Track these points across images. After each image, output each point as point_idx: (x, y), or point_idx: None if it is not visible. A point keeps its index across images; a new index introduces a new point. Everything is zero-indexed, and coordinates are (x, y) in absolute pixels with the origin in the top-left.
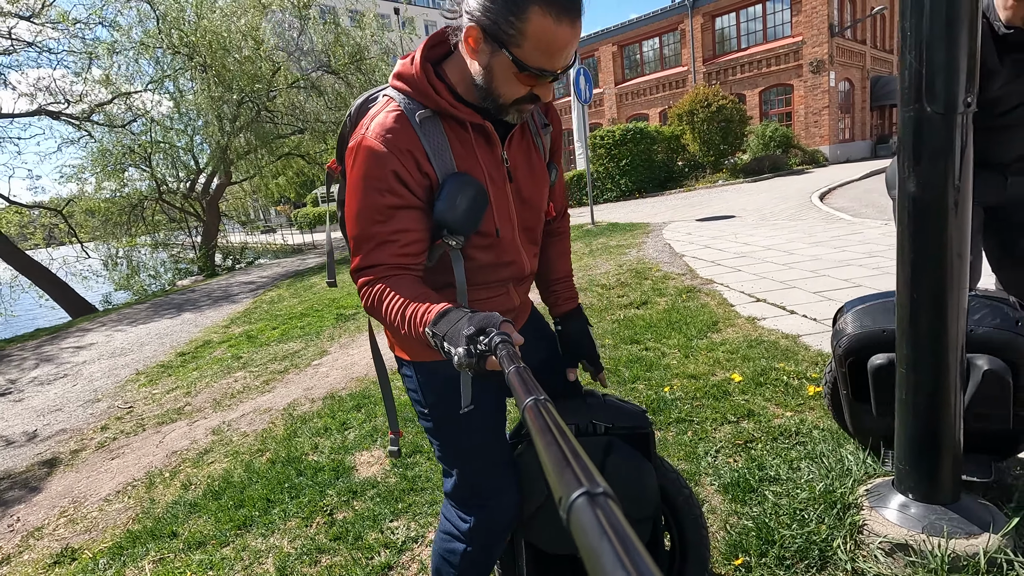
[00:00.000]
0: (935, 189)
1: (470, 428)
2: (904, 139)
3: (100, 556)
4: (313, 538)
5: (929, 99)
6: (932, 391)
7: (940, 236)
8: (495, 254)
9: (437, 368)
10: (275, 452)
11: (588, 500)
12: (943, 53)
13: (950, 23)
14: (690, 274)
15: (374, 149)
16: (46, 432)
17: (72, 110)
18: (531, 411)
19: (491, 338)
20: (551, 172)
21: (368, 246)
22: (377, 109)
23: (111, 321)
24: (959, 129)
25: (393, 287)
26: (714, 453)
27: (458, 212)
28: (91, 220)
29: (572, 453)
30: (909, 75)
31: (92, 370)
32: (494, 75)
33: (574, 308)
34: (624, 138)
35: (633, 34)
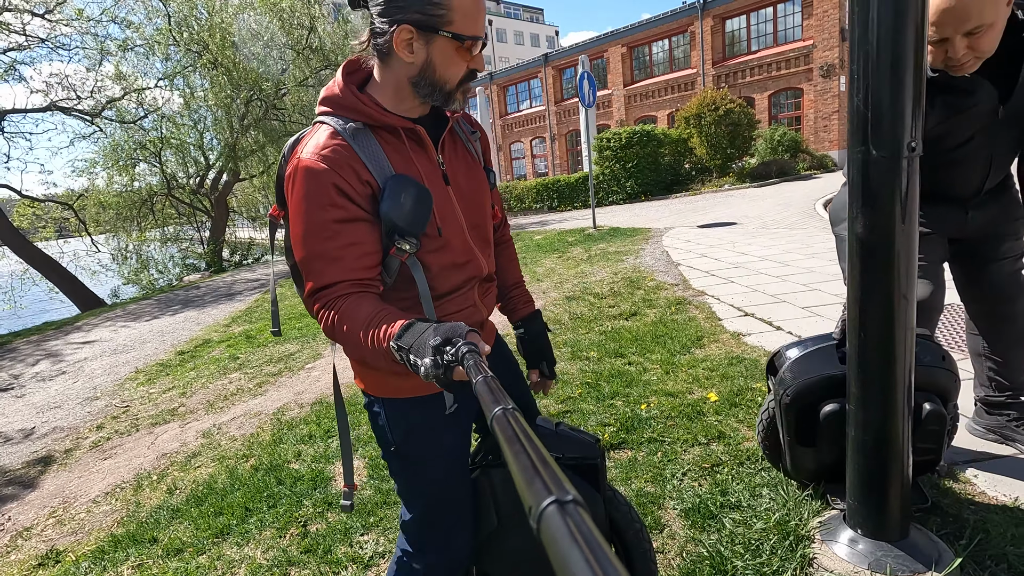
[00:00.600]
0: (881, 231)
1: (435, 469)
2: (852, 180)
3: (82, 559)
4: (285, 550)
5: (875, 142)
6: (881, 429)
7: (887, 278)
8: (448, 255)
9: (406, 409)
10: (259, 459)
11: (558, 508)
12: (888, 98)
13: (895, 68)
14: (683, 284)
15: (311, 167)
16: (43, 429)
17: (84, 106)
18: (499, 421)
19: (458, 348)
20: (489, 176)
21: (318, 265)
22: (308, 135)
23: (117, 317)
24: (904, 173)
25: (352, 305)
26: (680, 476)
27: (404, 210)
28: (102, 214)
29: (541, 462)
30: (856, 118)
31: (93, 367)
32: (435, 64)
33: (533, 311)
34: (631, 141)
35: (643, 35)
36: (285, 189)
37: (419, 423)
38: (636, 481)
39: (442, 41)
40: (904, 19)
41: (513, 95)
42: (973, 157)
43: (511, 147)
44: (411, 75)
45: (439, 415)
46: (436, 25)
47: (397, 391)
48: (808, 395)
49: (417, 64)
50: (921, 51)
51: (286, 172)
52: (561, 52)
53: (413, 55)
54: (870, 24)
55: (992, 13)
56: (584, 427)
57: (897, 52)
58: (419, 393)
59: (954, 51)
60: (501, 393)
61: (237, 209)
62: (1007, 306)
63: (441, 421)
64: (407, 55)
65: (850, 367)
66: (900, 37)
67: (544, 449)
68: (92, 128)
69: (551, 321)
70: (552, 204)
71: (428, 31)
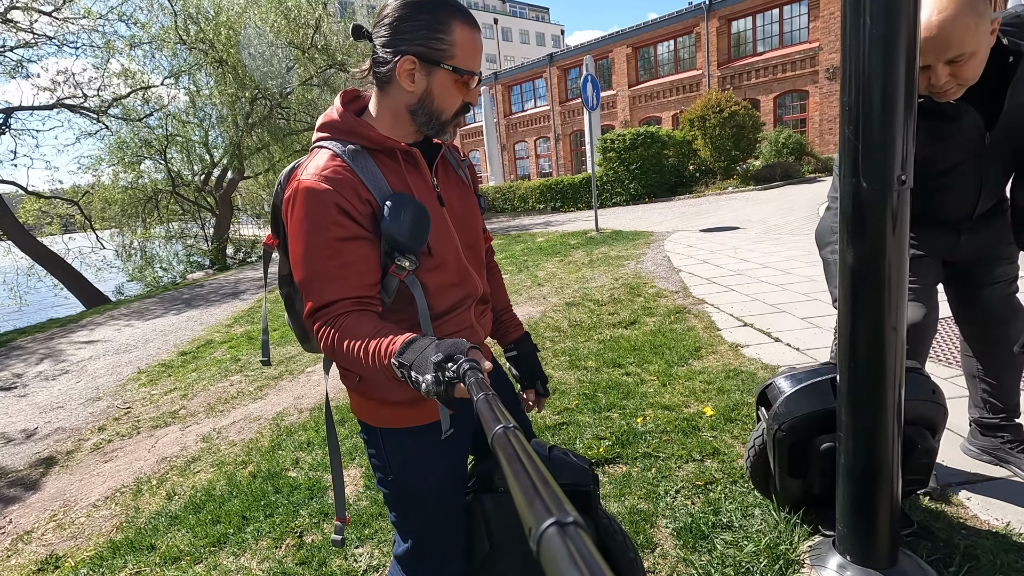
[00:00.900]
0: (870, 263)
1: (432, 498)
2: (843, 210)
3: (81, 566)
4: (281, 561)
5: (865, 174)
6: (870, 459)
7: (877, 309)
8: (444, 274)
9: (403, 439)
10: (257, 465)
11: (558, 530)
12: (879, 130)
13: (886, 102)
14: (683, 292)
15: (312, 187)
16: (46, 430)
17: (90, 104)
18: (500, 439)
19: (459, 365)
20: (479, 201)
21: (319, 284)
22: (307, 160)
23: (121, 315)
24: (894, 205)
25: (353, 323)
26: (674, 493)
27: (404, 226)
28: (107, 210)
29: (542, 482)
30: (847, 148)
31: (96, 367)
32: (434, 95)
33: (524, 333)
34: (635, 142)
35: (648, 36)
36: (283, 213)
37: (416, 453)
38: (630, 498)
39: (442, 73)
40: (895, 54)
41: (518, 95)
42: (962, 184)
43: (515, 147)
44: (410, 103)
45: (436, 444)
46: (438, 58)
47: (394, 420)
48: (802, 429)
49: (417, 93)
50: (912, 86)
51: (284, 196)
52: (566, 52)
53: (414, 85)
54: (861, 58)
55: (974, 43)
56: (580, 440)
57: (888, 86)
58: (416, 423)
59: (936, 78)
60: (502, 411)
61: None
62: (1000, 329)
63: (438, 450)
64: (408, 84)
65: (840, 396)
66: (891, 72)
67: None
68: (98, 125)
69: (550, 328)
70: (555, 205)
71: (430, 63)
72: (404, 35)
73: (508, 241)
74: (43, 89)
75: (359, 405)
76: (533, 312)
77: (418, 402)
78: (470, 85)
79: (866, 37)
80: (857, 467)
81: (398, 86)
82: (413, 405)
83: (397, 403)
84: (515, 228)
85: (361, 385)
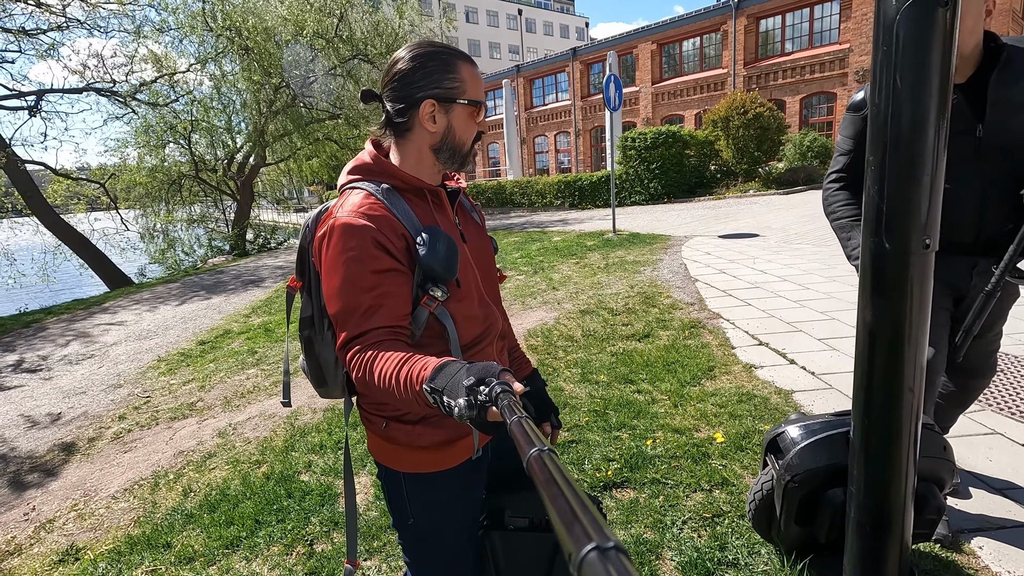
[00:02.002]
0: (889, 323)
1: (450, 541)
2: (864, 267)
3: (100, 559)
4: (291, 569)
5: (887, 235)
6: (881, 516)
7: (894, 369)
8: (469, 306)
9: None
10: (271, 466)
11: (599, 555)
12: (904, 192)
13: (914, 163)
14: (699, 304)
15: (351, 223)
16: (69, 415)
17: (118, 88)
18: (536, 462)
19: (491, 388)
20: (493, 243)
21: (355, 317)
22: (341, 200)
23: (143, 299)
24: (916, 269)
25: (385, 351)
26: (680, 524)
27: (440, 256)
28: (132, 192)
29: (580, 506)
30: (871, 207)
31: (118, 352)
32: (455, 129)
33: (534, 370)
34: (656, 141)
35: (673, 32)
36: (315, 252)
37: (439, 498)
38: (636, 526)
39: (459, 108)
40: (926, 117)
41: (539, 88)
42: (962, 190)
43: (535, 141)
44: (433, 143)
45: (459, 488)
46: (454, 96)
47: (420, 465)
48: (815, 481)
49: (439, 132)
50: (941, 150)
51: (316, 234)
52: (589, 47)
53: (436, 125)
54: (890, 117)
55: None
56: (589, 460)
57: (916, 148)
58: (442, 467)
59: None
60: (536, 434)
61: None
62: (974, 381)
63: (461, 494)
64: (431, 126)
65: (853, 451)
66: (921, 134)
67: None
68: (125, 109)
69: (563, 337)
70: (573, 201)
71: (448, 102)
72: (418, 83)
73: (524, 239)
74: (73, 72)
75: (381, 449)
76: (547, 318)
77: (444, 446)
78: (480, 115)
79: (896, 96)
80: (867, 522)
81: (420, 130)
82: (439, 449)
83: (424, 447)
84: (532, 225)
85: (387, 431)
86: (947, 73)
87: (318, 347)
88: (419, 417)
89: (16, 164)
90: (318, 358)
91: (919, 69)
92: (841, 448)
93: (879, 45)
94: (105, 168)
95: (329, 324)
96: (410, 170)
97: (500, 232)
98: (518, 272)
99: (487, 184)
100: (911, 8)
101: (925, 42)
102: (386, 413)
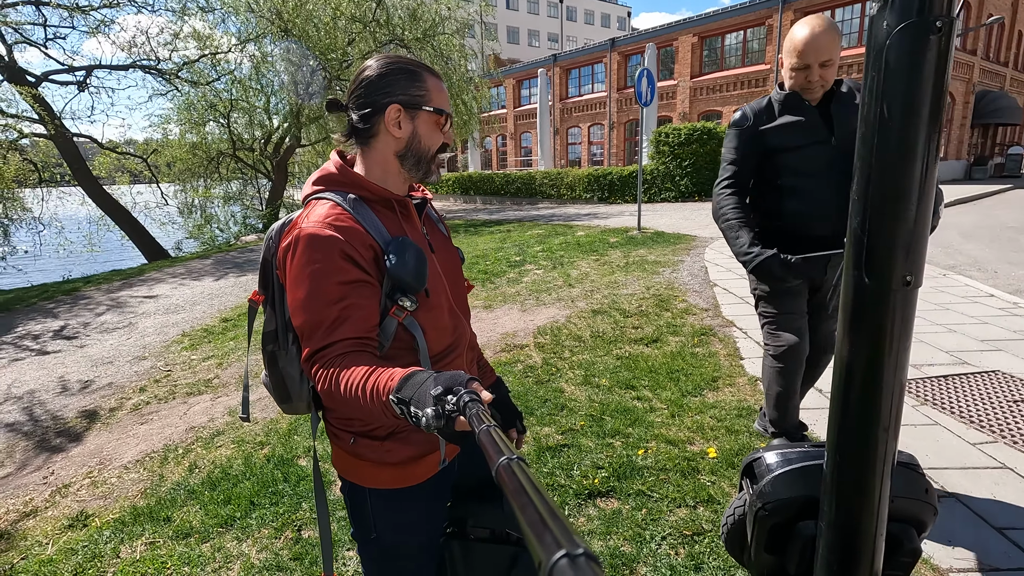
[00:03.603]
0: (864, 361)
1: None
2: (844, 300)
3: (106, 527)
4: (277, 553)
5: (868, 270)
6: (849, 554)
7: (868, 409)
8: (437, 317)
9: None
10: (273, 448)
11: (569, 562)
12: (887, 227)
13: (900, 197)
14: (713, 310)
15: (317, 234)
16: (97, 384)
17: (163, 66)
18: (505, 471)
19: (460, 397)
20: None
21: (321, 329)
22: (306, 211)
23: (177, 274)
24: (896, 306)
25: (351, 363)
26: (659, 540)
27: (409, 267)
28: (173, 168)
29: (550, 514)
30: (852, 239)
31: (147, 325)
32: (419, 134)
33: (498, 378)
34: (690, 137)
35: (716, 26)
36: (280, 264)
37: (405, 515)
38: (615, 538)
39: (424, 115)
40: (914, 149)
41: (576, 78)
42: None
43: (568, 132)
44: (398, 149)
45: (425, 505)
46: (420, 103)
47: (387, 482)
48: (786, 511)
49: (404, 138)
50: (927, 188)
51: (280, 246)
52: (628, 38)
53: (401, 130)
54: (874, 151)
55: (837, 54)
56: (578, 466)
57: (903, 182)
58: (409, 483)
59: (812, 76)
60: (505, 443)
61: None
62: (825, 356)
63: (425, 510)
64: (396, 131)
65: (824, 486)
66: (908, 168)
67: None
68: (169, 86)
69: (571, 337)
70: (603, 195)
71: (413, 108)
72: (385, 90)
73: (548, 232)
74: (121, 48)
75: (347, 464)
76: (558, 316)
77: (412, 462)
78: (444, 127)
79: (882, 126)
80: (835, 561)
81: (385, 137)
82: (407, 465)
83: (392, 464)
84: (559, 218)
85: (355, 447)
86: (938, 105)
87: (282, 362)
88: (388, 433)
89: (65, 136)
90: (282, 373)
91: (908, 99)
92: (817, 480)
93: (868, 71)
94: (149, 143)
95: (294, 338)
96: (376, 180)
97: (526, 224)
98: (537, 266)
99: (517, 174)
100: (901, 33)
101: (916, 71)
102: (354, 429)
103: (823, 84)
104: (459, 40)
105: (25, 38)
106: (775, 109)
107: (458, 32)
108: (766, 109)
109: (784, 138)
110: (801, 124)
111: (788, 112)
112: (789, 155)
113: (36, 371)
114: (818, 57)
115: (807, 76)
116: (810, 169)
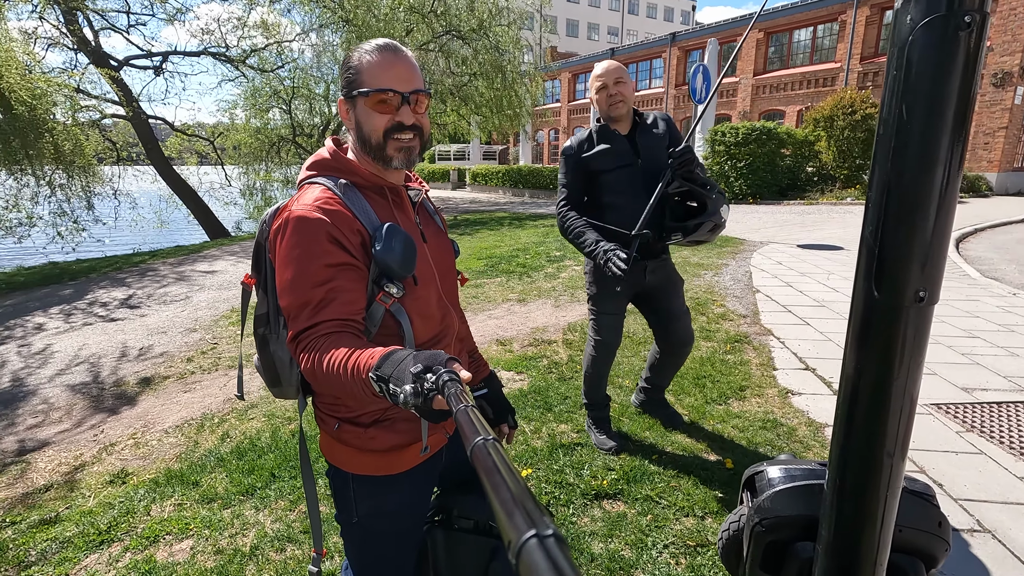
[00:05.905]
0: (871, 381)
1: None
2: (852, 316)
3: (141, 486)
4: (290, 525)
5: (878, 283)
6: None
7: (874, 431)
8: (425, 306)
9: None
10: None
11: (538, 543)
12: (902, 237)
13: (915, 206)
14: (751, 317)
15: (305, 216)
16: (152, 352)
17: (231, 53)
18: (479, 451)
19: (439, 376)
20: (454, 245)
21: (307, 310)
22: (298, 195)
23: (234, 252)
24: (907, 322)
25: (334, 343)
26: (661, 547)
27: (396, 253)
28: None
29: (521, 495)
30: (865, 250)
31: (200, 299)
32: (360, 121)
33: (492, 372)
34: (748, 138)
35: (784, 20)
36: (270, 248)
37: (388, 502)
38: (616, 542)
39: (359, 100)
40: (935, 153)
41: (632, 73)
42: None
43: None
44: (355, 138)
45: (408, 493)
46: (353, 88)
47: (371, 468)
48: (783, 530)
49: (354, 128)
50: (949, 197)
51: (271, 228)
52: (689, 33)
53: (350, 120)
54: (892, 155)
55: (626, 75)
56: (589, 466)
57: (923, 189)
58: (393, 471)
59: (611, 91)
60: (482, 423)
61: None
62: (684, 348)
63: (408, 498)
64: (348, 123)
65: (824, 509)
66: (927, 173)
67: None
68: (236, 73)
69: None
70: None
71: (349, 97)
72: (341, 83)
73: None
74: (193, 35)
75: (332, 448)
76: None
77: (395, 450)
78: (388, 102)
79: (902, 129)
80: None
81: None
82: (391, 453)
83: (375, 451)
84: None
85: (340, 431)
86: (964, 108)
87: (273, 345)
88: (372, 420)
89: (141, 118)
90: (272, 356)
91: (931, 100)
92: (819, 500)
93: (890, 69)
94: (217, 126)
95: (285, 322)
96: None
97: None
98: (576, 263)
99: None
100: (926, 29)
101: (941, 70)
102: (339, 415)
103: (622, 98)
104: (515, 32)
105: (110, 24)
106: (594, 138)
107: (515, 24)
108: (587, 139)
109: (601, 162)
110: (612, 150)
111: (603, 141)
112: (606, 176)
113: (100, 336)
114: (611, 77)
115: (608, 93)
116: (622, 188)
